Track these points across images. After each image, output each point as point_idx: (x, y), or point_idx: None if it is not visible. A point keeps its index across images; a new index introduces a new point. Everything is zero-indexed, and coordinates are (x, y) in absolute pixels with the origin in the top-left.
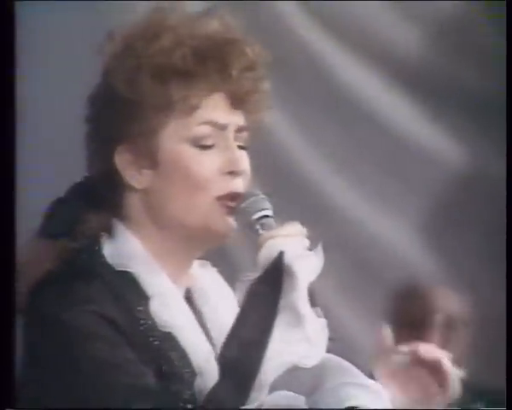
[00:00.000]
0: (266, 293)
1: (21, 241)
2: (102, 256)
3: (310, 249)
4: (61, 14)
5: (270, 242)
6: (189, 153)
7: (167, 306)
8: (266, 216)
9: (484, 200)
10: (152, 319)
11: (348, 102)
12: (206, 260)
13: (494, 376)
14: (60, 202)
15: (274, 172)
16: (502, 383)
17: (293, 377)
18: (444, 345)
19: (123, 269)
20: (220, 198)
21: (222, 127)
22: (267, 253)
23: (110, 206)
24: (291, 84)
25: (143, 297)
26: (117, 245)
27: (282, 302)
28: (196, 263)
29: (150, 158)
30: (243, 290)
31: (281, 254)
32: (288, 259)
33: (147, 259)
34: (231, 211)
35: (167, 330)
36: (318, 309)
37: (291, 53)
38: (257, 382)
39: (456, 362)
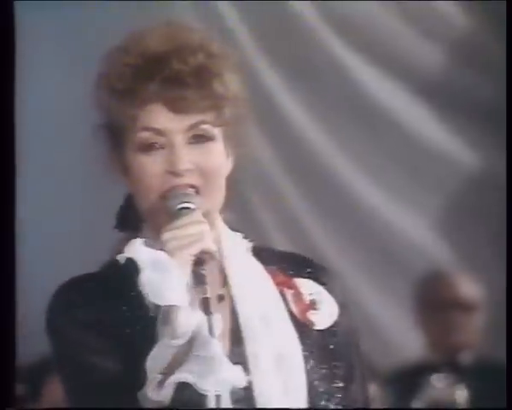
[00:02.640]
0: None
1: (21, 243)
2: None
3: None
4: (61, 14)
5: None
6: (137, 158)
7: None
8: (185, 208)
9: (492, 196)
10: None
11: (374, 111)
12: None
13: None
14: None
15: (307, 173)
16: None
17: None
18: (460, 327)
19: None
20: (162, 195)
21: (161, 132)
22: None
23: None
24: (324, 95)
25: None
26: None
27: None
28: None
29: (122, 168)
30: None
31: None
32: (132, 252)
33: (139, 241)
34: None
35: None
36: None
37: (323, 67)
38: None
39: (471, 344)
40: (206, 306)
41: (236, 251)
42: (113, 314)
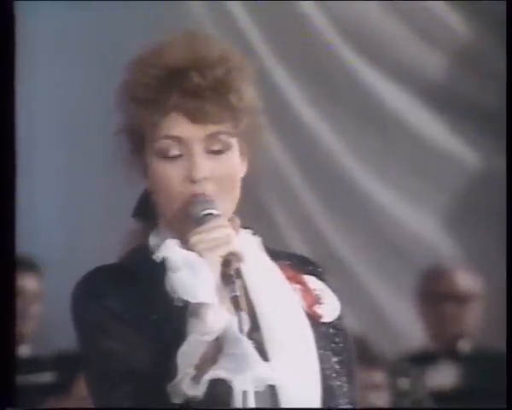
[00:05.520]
0: None
1: (21, 241)
2: (149, 247)
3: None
4: (61, 14)
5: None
6: (158, 164)
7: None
8: (209, 214)
9: (495, 195)
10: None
11: (382, 114)
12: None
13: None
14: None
15: (319, 173)
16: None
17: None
18: (458, 318)
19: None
20: (183, 201)
21: (180, 140)
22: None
23: None
24: (334, 97)
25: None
26: (156, 234)
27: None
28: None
29: (143, 169)
30: None
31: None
32: (167, 252)
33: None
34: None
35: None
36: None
37: (333, 69)
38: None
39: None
40: (236, 303)
41: (248, 247)
42: (139, 303)
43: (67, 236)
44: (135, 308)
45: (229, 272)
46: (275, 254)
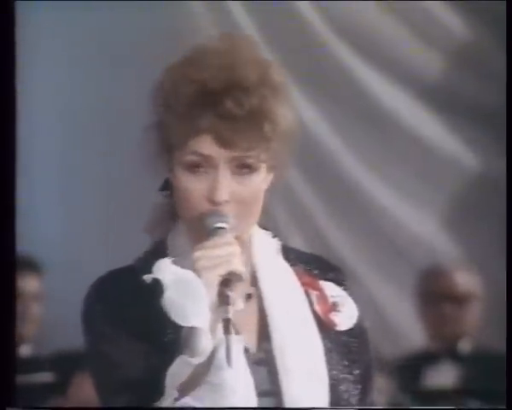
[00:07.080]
0: None
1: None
2: (165, 248)
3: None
4: (62, 14)
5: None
6: (182, 175)
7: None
8: (219, 228)
9: (495, 195)
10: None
11: (383, 116)
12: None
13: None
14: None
15: (321, 175)
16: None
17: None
18: (457, 318)
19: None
20: (199, 213)
21: (207, 158)
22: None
23: None
24: (334, 99)
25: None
26: (173, 235)
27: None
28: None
29: (168, 168)
30: None
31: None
32: (158, 272)
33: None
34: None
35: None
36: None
37: (333, 72)
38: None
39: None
40: (226, 326)
41: (266, 250)
42: (146, 311)
43: (67, 236)
44: (146, 319)
45: (226, 293)
46: (296, 257)
